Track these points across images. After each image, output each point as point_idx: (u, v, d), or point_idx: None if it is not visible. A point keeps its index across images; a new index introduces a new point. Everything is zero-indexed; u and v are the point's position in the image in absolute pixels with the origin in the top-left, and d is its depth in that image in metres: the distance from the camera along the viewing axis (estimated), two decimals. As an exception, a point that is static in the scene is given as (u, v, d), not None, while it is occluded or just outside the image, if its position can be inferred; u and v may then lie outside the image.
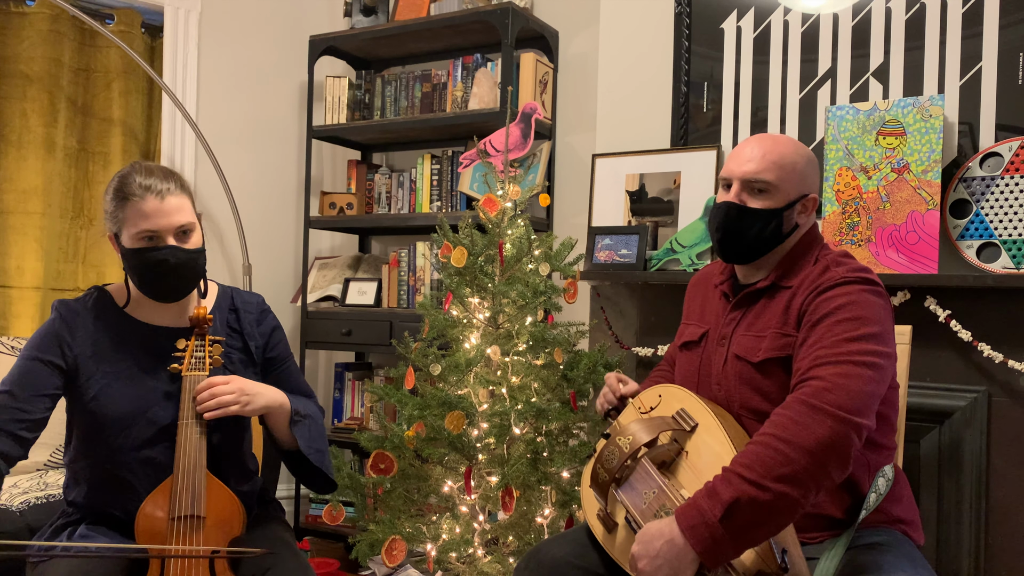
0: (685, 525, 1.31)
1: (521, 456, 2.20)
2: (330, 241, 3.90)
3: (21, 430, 1.57)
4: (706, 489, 1.33)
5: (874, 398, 1.38)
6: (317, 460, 1.72)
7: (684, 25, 2.73)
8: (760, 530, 1.29)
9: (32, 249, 3.05)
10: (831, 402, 1.33)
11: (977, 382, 2.20)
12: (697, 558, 1.29)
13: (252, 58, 3.60)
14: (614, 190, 2.79)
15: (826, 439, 1.30)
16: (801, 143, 1.63)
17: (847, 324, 1.42)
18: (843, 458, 1.32)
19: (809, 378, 1.38)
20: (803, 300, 1.51)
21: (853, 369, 1.36)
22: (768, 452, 1.31)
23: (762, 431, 1.35)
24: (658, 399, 1.65)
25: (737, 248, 1.60)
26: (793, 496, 1.28)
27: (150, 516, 1.57)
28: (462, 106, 3.22)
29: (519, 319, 2.31)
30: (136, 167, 1.65)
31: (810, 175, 1.60)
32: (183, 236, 1.64)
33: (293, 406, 1.71)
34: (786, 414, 1.35)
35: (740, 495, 1.28)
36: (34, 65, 3.05)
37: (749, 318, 1.60)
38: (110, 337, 1.67)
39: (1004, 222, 2.17)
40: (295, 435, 1.70)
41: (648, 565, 1.32)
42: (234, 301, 1.81)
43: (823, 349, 1.41)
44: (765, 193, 1.57)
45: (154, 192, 1.60)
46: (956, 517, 2.22)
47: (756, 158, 1.57)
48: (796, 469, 1.29)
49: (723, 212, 1.59)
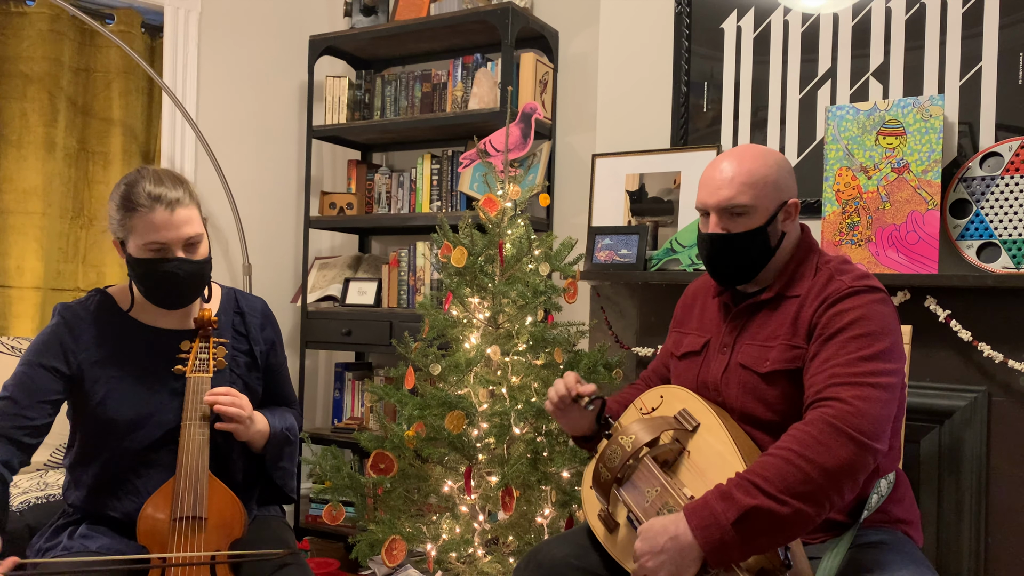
0: (696, 524, 1.31)
1: (521, 456, 2.20)
2: (330, 241, 3.90)
3: (24, 436, 1.57)
4: (719, 492, 1.33)
5: (888, 421, 1.39)
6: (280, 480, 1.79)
7: (684, 25, 2.73)
8: (769, 539, 1.31)
9: (32, 249, 3.05)
10: (855, 427, 1.34)
11: (977, 382, 2.20)
12: (702, 556, 1.30)
13: (252, 58, 3.60)
14: (614, 190, 2.79)
15: (846, 462, 1.32)
16: (768, 150, 1.60)
17: (861, 340, 1.42)
18: (857, 481, 1.34)
19: (829, 398, 1.39)
20: (813, 312, 1.50)
21: (871, 392, 1.37)
22: (790, 468, 1.32)
23: (784, 445, 1.36)
24: (660, 399, 1.65)
25: (731, 273, 1.61)
26: (808, 513, 1.30)
27: (151, 517, 1.57)
28: (462, 106, 3.22)
29: (519, 319, 2.31)
30: (144, 173, 1.63)
31: (783, 182, 1.58)
32: (191, 248, 1.63)
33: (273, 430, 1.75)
34: (810, 432, 1.35)
35: (759, 504, 1.29)
36: (34, 65, 3.05)
37: (753, 327, 1.60)
38: (114, 341, 1.67)
39: (1004, 222, 2.17)
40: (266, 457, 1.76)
41: (652, 560, 1.33)
42: (239, 304, 1.81)
43: (839, 367, 1.41)
44: (744, 216, 1.56)
45: (164, 203, 1.58)
46: (956, 517, 2.22)
47: (726, 183, 1.56)
48: (814, 488, 1.30)
49: (708, 243, 1.60)
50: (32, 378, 1.60)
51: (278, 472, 1.78)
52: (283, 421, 1.78)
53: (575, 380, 1.70)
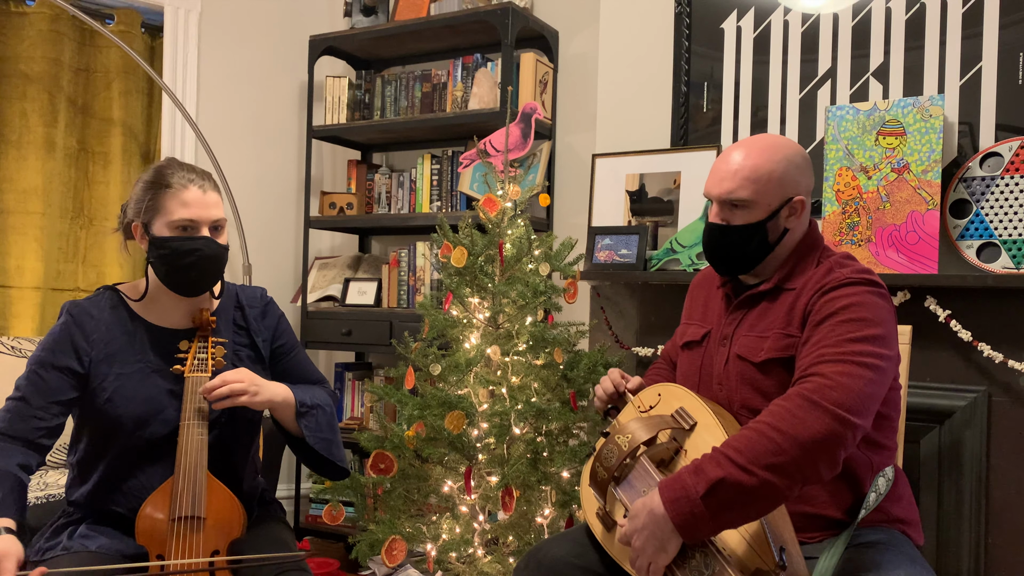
0: (667, 497, 1.32)
1: (521, 456, 2.20)
2: (330, 241, 3.90)
3: (40, 438, 1.58)
4: (693, 466, 1.34)
5: (873, 400, 1.38)
6: (324, 450, 1.71)
7: (684, 25, 2.73)
8: (739, 512, 1.30)
9: (32, 249, 3.05)
10: (830, 399, 1.33)
11: (977, 382, 2.20)
12: (676, 531, 1.31)
13: (252, 58, 3.60)
14: (614, 190, 2.79)
15: (820, 435, 1.31)
16: (783, 144, 1.59)
17: (851, 324, 1.42)
18: (834, 456, 1.33)
19: (811, 374, 1.39)
20: (808, 300, 1.51)
21: (855, 369, 1.37)
22: (761, 439, 1.31)
23: (758, 419, 1.36)
24: (657, 398, 1.65)
25: (728, 264, 1.63)
26: (777, 485, 1.29)
27: (150, 517, 1.57)
28: (462, 106, 3.22)
29: (519, 319, 2.31)
30: (173, 162, 1.67)
31: (791, 178, 1.57)
32: (216, 232, 1.66)
33: (298, 398, 1.70)
34: (784, 405, 1.35)
35: (726, 476, 1.29)
36: (34, 65, 3.05)
37: (751, 319, 1.61)
38: (122, 338, 1.67)
39: (1004, 222, 2.17)
40: (301, 427, 1.70)
41: (637, 539, 1.35)
42: (239, 299, 1.81)
43: (826, 348, 1.41)
44: (744, 208, 1.57)
45: (197, 184, 1.63)
46: (956, 517, 2.22)
47: (729, 175, 1.57)
48: (785, 460, 1.30)
49: (708, 233, 1.63)
50: (44, 379, 1.60)
51: (316, 442, 1.70)
52: (309, 392, 1.74)
53: (619, 375, 1.76)
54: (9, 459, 1.54)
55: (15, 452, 1.55)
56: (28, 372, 1.61)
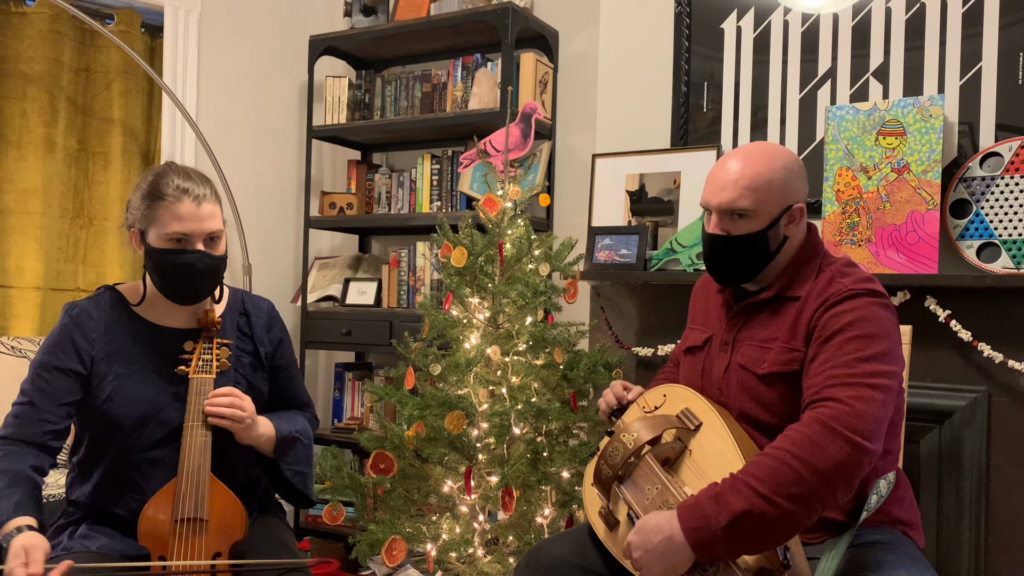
0: (687, 526, 1.32)
1: (521, 456, 2.20)
2: (330, 241, 3.90)
3: (50, 440, 1.59)
4: (712, 493, 1.33)
5: (884, 423, 1.39)
6: (300, 484, 1.77)
7: (684, 25, 2.73)
8: (760, 541, 1.31)
9: (32, 249, 3.05)
10: (848, 426, 1.33)
11: (977, 382, 2.20)
12: (693, 557, 1.32)
13: (252, 58, 3.60)
14: (614, 190, 2.79)
15: (840, 463, 1.31)
16: (779, 152, 1.58)
17: (858, 342, 1.42)
18: (851, 482, 1.33)
19: (826, 398, 1.38)
20: (812, 314, 1.50)
21: (868, 392, 1.37)
22: (783, 468, 1.31)
23: (778, 445, 1.35)
24: (663, 398, 1.65)
25: (730, 274, 1.61)
26: (799, 515, 1.30)
27: (152, 518, 1.57)
28: (462, 106, 3.22)
29: (519, 319, 2.31)
30: (172, 167, 1.65)
31: (790, 185, 1.56)
32: (211, 243, 1.64)
33: (281, 432, 1.72)
34: (804, 432, 1.35)
35: (750, 507, 1.29)
36: (34, 65, 3.05)
37: (753, 327, 1.60)
38: (122, 337, 1.67)
39: (1004, 222, 2.18)
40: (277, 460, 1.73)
41: (644, 557, 1.34)
42: (245, 305, 1.82)
43: (836, 368, 1.40)
44: (745, 218, 1.55)
45: (191, 196, 1.61)
46: (956, 517, 2.22)
47: (729, 185, 1.55)
48: (807, 490, 1.30)
49: (708, 244, 1.61)
50: (49, 382, 1.60)
51: (292, 475, 1.75)
52: (292, 424, 1.77)
53: (622, 388, 1.77)
54: (23, 462, 1.55)
55: (27, 455, 1.56)
56: (32, 376, 1.62)
